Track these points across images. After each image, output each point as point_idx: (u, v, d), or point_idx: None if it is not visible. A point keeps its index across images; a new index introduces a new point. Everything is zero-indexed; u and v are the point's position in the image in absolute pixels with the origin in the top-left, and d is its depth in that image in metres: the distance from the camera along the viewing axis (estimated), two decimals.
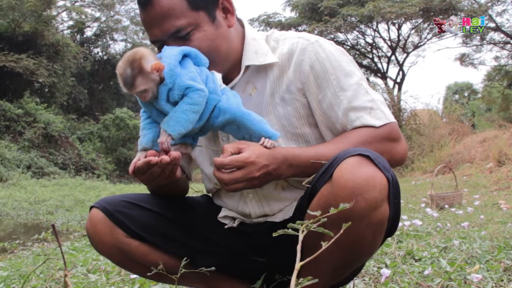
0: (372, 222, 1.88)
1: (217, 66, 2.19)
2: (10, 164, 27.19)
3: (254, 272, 2.35)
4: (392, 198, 1.90)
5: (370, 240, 1.95)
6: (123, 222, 2.32)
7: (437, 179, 14.27)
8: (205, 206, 2.54)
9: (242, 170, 1.99)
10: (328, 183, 1.95)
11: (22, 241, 10.32)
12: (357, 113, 2.14)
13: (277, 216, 2.34)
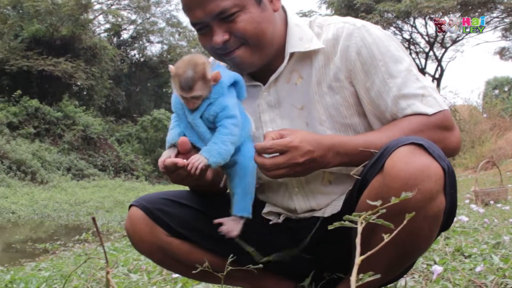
0: (428, 214, 1.77)
1: (262, 52, 2.09)
2: (51, 166, 27.59)
3: (300, 270, 2.25)
4: (448, 188, 1.79)
5: (426, 234, 1.85)
6: (163, 220, 2.24)
7: (480, 175, 14.02)
8: None
9: (284, 155, 1.89)
10: (379, 175, 1.85)
11: (63, 242, 10.43)
12: (408, 101, 2.02)
13: (324, 211, 2.23)
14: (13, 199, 20.35)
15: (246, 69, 2.14)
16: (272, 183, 2.30)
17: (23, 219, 16.83)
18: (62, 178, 26.94)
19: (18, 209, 18.40)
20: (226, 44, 2.04)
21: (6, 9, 33.99)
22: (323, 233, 2.22)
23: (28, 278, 5.30)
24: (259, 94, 2.20)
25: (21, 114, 29.69)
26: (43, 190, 23.76)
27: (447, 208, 1.82)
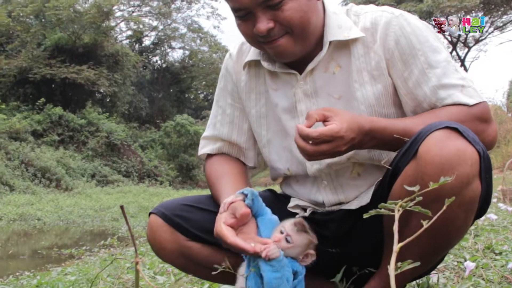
0: (464, 200, 1.72)
1: (305, 41, 2.01)
2: (75, 173, 27.83)
3: (328, 266, 2.20)
4: (484, 173, 1.73)
5: (462, 221, 1.79)
6: (182, 226, 2.20)
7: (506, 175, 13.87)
8: (270, 202, 2.40)
9: (329, 144, 1.82)
10: (413, 161, 1.79)
11: (88, 248, 10.47)
12: (448, 91, 1.96)
13: (352, 203, 2.17)
14: (38, 206, 20.54)
15: (286, 58, 2.08)
16: (299, 177, 2.26)
17: (48, 226, 16.97)
18: (87, 185, 27.15)
19: (44, 216, 18.56)
20: (270, 32, 1.96)
21: (29, 18, 34.50)
22: (350, 226, 2.18)
23: (55, 283, 5.32)
24: (295, 82, 2.15)
25: (45, 122, 30.00)
26: (68, 196, 23.96)
27: (482, 193, 1.76)
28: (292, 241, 1.81)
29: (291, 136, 2.18)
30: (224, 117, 2.38)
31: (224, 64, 2.41)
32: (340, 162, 2.10)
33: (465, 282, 2.60)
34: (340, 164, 2.11)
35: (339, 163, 2.11)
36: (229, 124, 2.37)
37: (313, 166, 2.15)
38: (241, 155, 2.39)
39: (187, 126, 36.06)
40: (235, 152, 2.38)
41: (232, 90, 2.36)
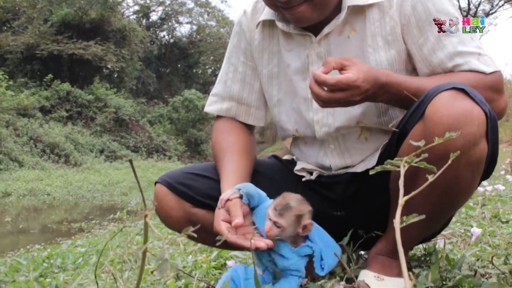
0: (470, 160, 1.72)
1: (324, 9, 2.00)
2: (84, 149, 27.93)
3: (334, 229, 2.21)
4: (490, 134, 1.73)
5: (469, 181, 1.79)
6: (186, 193, 2.22)
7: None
8: (275, 168, 2.41)
9: (344, 92, 1.81)
10: (420, 122, 1.79)
11: (98, 222, 10.53)
12: (465, 58, 1.95)
13: (358, 167, 2.18)
14: (47, 181, 20.65)
15: (304, 24, 2.07)
16: (307, 139, 2.27)
17: (58, 201, 17.08)
18: (95, 160, 27.27)
19: (53, 191, 18.67)
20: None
21: None
22: (356, 188, 2.20)
23: (65, 254, 5.38)
24: (309, 44, 2.15)
25: (53, 98, 30.02)
26: (76, 172, 24.08)
27: (489, 154, 1.76)
28: (280, 224, 1.81)
29: (301, 98, 2.19)
30: (236, 74, 2.37)
31: (238, 21, 2.40)
32: (349, 126, 2.11)
33: (471, 247, 2.62)
34: (349, 128, 2.12)
35: (348, 127, 2.12)
36: (240, 82, 2.37)
37: (321, 129, 2.16)
38: (250, 116, 2.38)
39: (195, 101, 36.04)
40: (243, 114, 2.37)
41: (245, 48, 2.35)
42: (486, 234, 2.96)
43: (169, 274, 0.85)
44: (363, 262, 2.16)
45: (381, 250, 2.02)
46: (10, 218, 12.62)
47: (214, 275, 2.80)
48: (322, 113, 2.15)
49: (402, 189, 1.06)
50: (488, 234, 2.96)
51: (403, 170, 1.10)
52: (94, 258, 4.86)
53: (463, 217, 3.99)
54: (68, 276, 4.09)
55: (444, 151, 1.45)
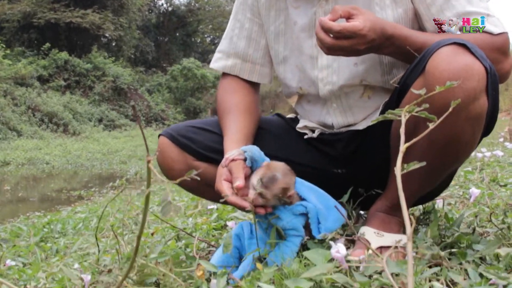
0: (470, 115, 1.72)
1: None
2: (82, 118, 27.90)
3: (335, 187, 2.22)
4: (491, 90, 1.73)
5: (469, 136, 1.79)
6: (189, 146, 2.23)
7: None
8: (278, 125, 2.42)
9: (349, 40, 1.82)
10: (421, 77, 1.79)
11: (97, 190, 10.55)
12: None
13: (360, 124, 2.20)
14: (46, 150, 20.66)
15: None
16: (310, 97, 2.27)
17: (57, 169, 17.12)
18: (94, 129, 27.26)
19: (52, 160, 18.70)
20: None
21: None
22: (357, 146, 2.21)
23: (65, 220, 5.40)
24: (316, 2, 2.14)
25: (51, 67, 29.90)
26: (75, 141, 24.09)
27: (489, 110, 1.77)
28: (265, 195, 1.82)
29: (307, 55, 2.19)
30: (242, 31, 2.36)
31: None
32: (353, 84, 2.12)
33: (470, 208, 2.63)
34: (352, 86, 2.12)
35: (351, 86, 2.12)
36: (246, 39, 2.36)
37: (325, 87, 2.16)
38: (254, 73, 2.37)
39: (194, 69, 35.89)
40: (247, 71, 2.36)
41: (252, 4, 2.34)
42: (485, 196, 2.98)
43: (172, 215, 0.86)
44: (363, 222, 2.18)
45: (380, 208, 2.03)
46: (9, 186, 12.64)
47: (214, 236, 2.82)
48: (326, 71, 2.15)
49: (403, 136, 1.07)
50: (486, 196, 2.98)
51: (404, 119, 1.10)
52: (94, 223, 4.89)
53: (461, 181, 4.01)
54: (68, 240, 4.12)
55: (444, 104, 1.45)
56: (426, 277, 1.48)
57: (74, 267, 2.46)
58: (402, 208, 0.96)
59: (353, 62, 2.09)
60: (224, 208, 3.44)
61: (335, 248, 1.54)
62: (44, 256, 3.54)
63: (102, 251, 2.77)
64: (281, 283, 1.58)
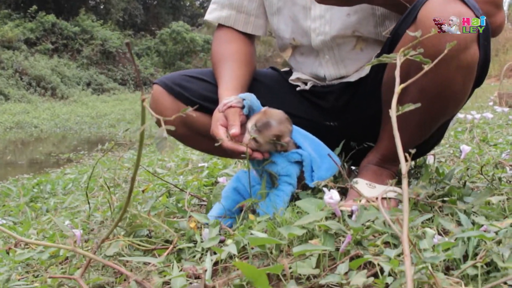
0: (461, 64, 1.71)
1: None
2: (70, 81, 27.68)
3: (327, 140, 2.22)
4: (482, 40, 1.73)
5: (460, 86, 1.79)
6: (182, 94, 2.23)
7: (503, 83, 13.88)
8: (272, 77, 2.42)
9: None
10: (412, 26, 1.78)
11: (86, 153, 10.52)
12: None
13: (352, 76, 2.21)
14: (34, 114, 20.54)
15: None
16: (303, 49, 2.27)
17: (45, 133, 17.03)
18: (82, 93, 27.07)
19: (40, 124, 18.60)
20: None
21: None
22: (349, 97, 2.21)
23: (55, 181, 5.39)
24: None
25: (38, 30, 29.57)
26: (63, 105, 23.94)
27: (480, 61, 1.77)
28: (259, 140, 1.82)
29: (300, 6, 2.20)
30: None
31: None
32: (345, 35, 2.11)
33: (460, 164, 2.64)
34: (344, 37, 2.12)
35: (343, 36, 2.12)
36: None
37: (317, 37, 2.16)
38: (248, 25, 2.37)
39: (183, 33, 35.61)
40: (242, 22, 2.36)
41: None
42: (475, 154, 2.99)
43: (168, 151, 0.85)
44: (354, 176, 2.19)
45: (372, 160, 2.04)
46: None
47: (206, 193, 2.83)
48: (319, 21, 2.15)
49: (398, 78, 1.06)
50: (477, 154, 3.00)
51: (399, 61, 1.10)
52: (84, 183, 4.88)
53: (452, 141, 4.04)
54: (58, 200, 4.12)
55: (435, 52, 1.44)
56: (418, 224, 1.50)
57: (65, 224, 2.46)
58: (398, 148, 0.96)
59: (346, 13, 2.09)
60: (215, 166, 3.45)
61: (329, 194, 1.54)
62: (35, 215, 3.54)
63: (92, 208, 2.78)
64: (273, 231, 1.58)
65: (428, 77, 1.17)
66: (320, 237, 1.45)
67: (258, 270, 1.09)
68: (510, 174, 2.26)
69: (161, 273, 1.52)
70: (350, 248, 1.38)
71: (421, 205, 1.75)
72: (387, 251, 1.25)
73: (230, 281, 1.29)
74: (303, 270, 1.31)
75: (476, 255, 1.26)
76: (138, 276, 1.20)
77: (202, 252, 1.65)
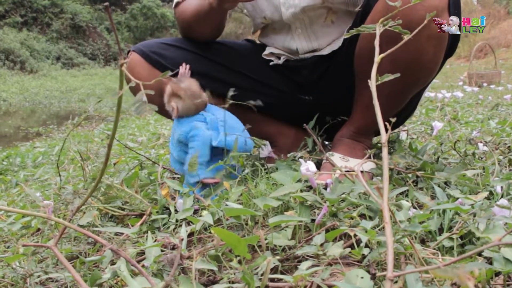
0: (432, 34, 1.72)
1: None
2: (40, 55, 27.31)
3: (301, 114, 2.23)
4: (453, 9, 1.74)
5: (431, 55, 1.80)
6: (160, 62, 2.21)
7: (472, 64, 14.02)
8: (246, 47, 2.41)
9: None
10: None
11: (56, 127, 10.41)
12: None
13: (324, 50, 2.20)
14: (3, 87, 20.26)
15: None
16: (275, 24, 2.25)
17: (14, 107, 16.81)
18: (52, 67, 26.77)
19: (9, 97, 18.36)
20: None
21: None
22: (323, 71, 2.21)
23: (24, 154, 5.33)
24: None
25: (7, 2, 29.10)
26: (33, 79, 23.65)
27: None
28: (180, 94, 1.92)
29: None
30: None
31: None
32: (315, 6, 2.10)
33: (432, 141, 2.66)
34: (315, 9, 2.11)
35: (314, 8, 2.11)
36: None
37: (288, 10, 2.15)
38: None
39: (154, 8, 35.33)
40: None
41: None
42: (446, 131, 3.02)
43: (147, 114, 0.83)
44: (328, 151, 2.19)
45: (345, 134, 2.05)
46: None
47: None
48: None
49: (378, 48, 1.06)
50: (448, 131, 3.02)
51: (379, 31, 1.09)
52: (53, 157, 4.83)
53: (423, 119, 4.07)
54: (28, 172, 4.08)
55: (407, 23, 1.44)
56: (393, 197, 1.50)
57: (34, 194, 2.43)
58: (377, 117, 0.96)
59: None
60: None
61: (305, 165, 1.54)
62: (4, 188, 3.50)
63: (63, 181, 2.75)
64: (248, 202, 1.58)
65: (399, 47, 1.16)
66: (296, 208, 1.45)
67: (238, 237, 1.09)
68: (482, 150, 2.29)
69: (135, 244, 1.51)
70: (326, 220, 1.39)
71: (395, 179, 1.76)
72: (364, 222, 1.25)
73: (206, 251, 1.29)
74: (279, 241, 1.31)
75: (451, 228, 1.27)
76: (110, 244, 1.18)
77: (176, 223, 1.64)
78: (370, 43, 1.27)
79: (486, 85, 8.40)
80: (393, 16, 1.24)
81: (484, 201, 1.35)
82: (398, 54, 1.26)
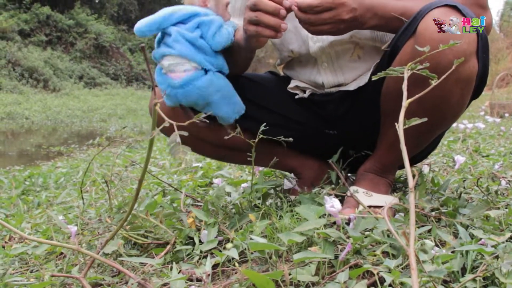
0: (460, 77, 1.73)
1: None
2: (63, 74, 27.63)
3: (326, 147, 2.23)
4: (481, 52, 1.74)
5: (458, 98, 1.81)
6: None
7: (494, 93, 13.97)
8: (271, 81, 2.41)
9: (331, 11, 1.80)
10: (411, 39, 1.79)
11: (77, 147, 10.49)
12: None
13: (350, 85, 2.20)
14: (26, 105, 20.49)
15: None
16: (302, 57, 2.26)
17: (36, 125, 16.99)
18: (74, 86, 27.04)
19: (32, 115, 18.56)
20: None
21: None
22: (348, 107, 2.21)
23: (47, 174, 5.39)
24: None
25: (32, 21, 29.51)
26: (55, 97, 23.90)
27: (479, 73, 1.78)
28: None
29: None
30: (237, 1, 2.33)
31: None
32: (342, 41, 2.10)
33: (454, 175, 2.66)
34: (342, 44, 2.11)
35: (341, 43, 2.11)
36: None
37: (315, 44, 2.15)
38: None
39: None
40: None
41: None
42: (468, 165, 3.01)
43: (181, 156, 0.86)
44: (351, 183, 2.20)
45: (369, 168, 2.05)
46: None
47: (200, 194, 2.83)
48: None
49: (406, 92, 1.08)
50: (470, 165, 3.02)
51: (407, 75, 1.11)
52: (75, 178, 4.88)
53: (444, 150, 4.06)
54: (50, 194, 4.12)
55: (435, 66, 1.46)
56: (416, 236, 1.51)
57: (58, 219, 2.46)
58: (404, 161, 0.98)
59: None
60: (209, 166, 3.45)
61: (330, 203, 1.55)
62: (26, 208, 3.53)
63: (86, 204, 2.78)
64: (273, 236, 1.59)
65: (437, 77, 1.18)
66: (320, 244, 1.46)
67: (267, 279, 1.10)
68: (505, 186, 2.28)
69: (159, 274, 1.53)
70: (349, 257, 1.40)
71: (417, 215, 1.77)
72: (387, 261, 1.26)
73: (230, 285, 1.30)
74: (302, 277, 1.32)
75: (474, 268, 1.28)
76: (137, 277, 1.20)
77: (200, 255, 1.66)
78: (397, 83, 1.29)
79: (508, 115, 8.36)
80: (421, 61, 1.26)
81: (507, 243, 1.36)
82: (426, 95, 1.27)
